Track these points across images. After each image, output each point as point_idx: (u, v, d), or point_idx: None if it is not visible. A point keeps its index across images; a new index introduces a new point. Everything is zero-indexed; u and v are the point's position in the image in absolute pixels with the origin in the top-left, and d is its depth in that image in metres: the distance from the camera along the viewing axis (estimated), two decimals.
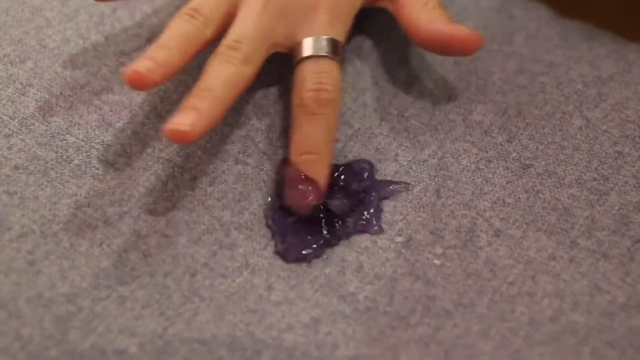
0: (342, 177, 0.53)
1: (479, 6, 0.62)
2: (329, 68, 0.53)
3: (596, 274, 0.50)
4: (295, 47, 0.54)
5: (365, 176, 0.53)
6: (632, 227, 0.52)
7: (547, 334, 0.48)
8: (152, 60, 0.50)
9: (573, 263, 0.50)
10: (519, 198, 0.53)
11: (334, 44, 0.54)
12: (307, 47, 0.53)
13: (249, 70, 0.52)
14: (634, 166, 0.54)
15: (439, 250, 0.51)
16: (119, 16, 0.59)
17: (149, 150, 0.54)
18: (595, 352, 0.47)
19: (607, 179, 0.54)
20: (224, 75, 0.51)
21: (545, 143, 0.55)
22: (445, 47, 0.54)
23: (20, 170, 0.52)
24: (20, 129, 0.54)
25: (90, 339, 0.47)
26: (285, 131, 0.55)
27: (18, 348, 0.47)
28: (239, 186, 0.53)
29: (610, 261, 0.50)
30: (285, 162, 0.53)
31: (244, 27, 0.53)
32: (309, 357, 0.47)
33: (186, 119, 0.49)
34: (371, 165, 0.54)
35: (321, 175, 0.52)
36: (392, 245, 0.51)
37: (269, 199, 0.53)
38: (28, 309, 0.48)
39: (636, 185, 0.53)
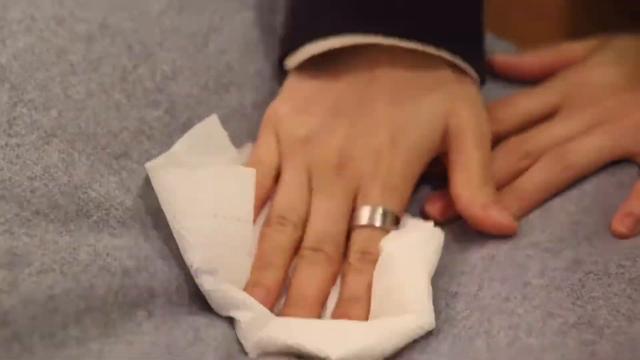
0: None
1: None
2: (379, 237, 0.59)
3: (549, 303, 0.54)
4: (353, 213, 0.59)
5: None
6: (583, 265, 0.56)
7: (505, 357, 0.52)
8: (264, 288, 0.56)
9: (526, 300, 0.54)
10: (476, 265, 0.58)
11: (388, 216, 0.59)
12: (364, 216, 0.59)
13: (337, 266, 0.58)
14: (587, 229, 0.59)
15: None
16: (141, 74, 0.62)
17: (163, 222, 0.57)
18: None
19: (562, 240, 0.58)
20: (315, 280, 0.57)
21: None
22: (478, 227, 0.59)
23: (41, 216, 0.54)
24: (44, 175, 0.56)
25: None
26: None
27: None
28: None
29: (562, 291, 0.54)
30: None
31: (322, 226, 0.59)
32: None
33: None
34: None
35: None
36: None
37: None
38: (41, 346, 0.49)
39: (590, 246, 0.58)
